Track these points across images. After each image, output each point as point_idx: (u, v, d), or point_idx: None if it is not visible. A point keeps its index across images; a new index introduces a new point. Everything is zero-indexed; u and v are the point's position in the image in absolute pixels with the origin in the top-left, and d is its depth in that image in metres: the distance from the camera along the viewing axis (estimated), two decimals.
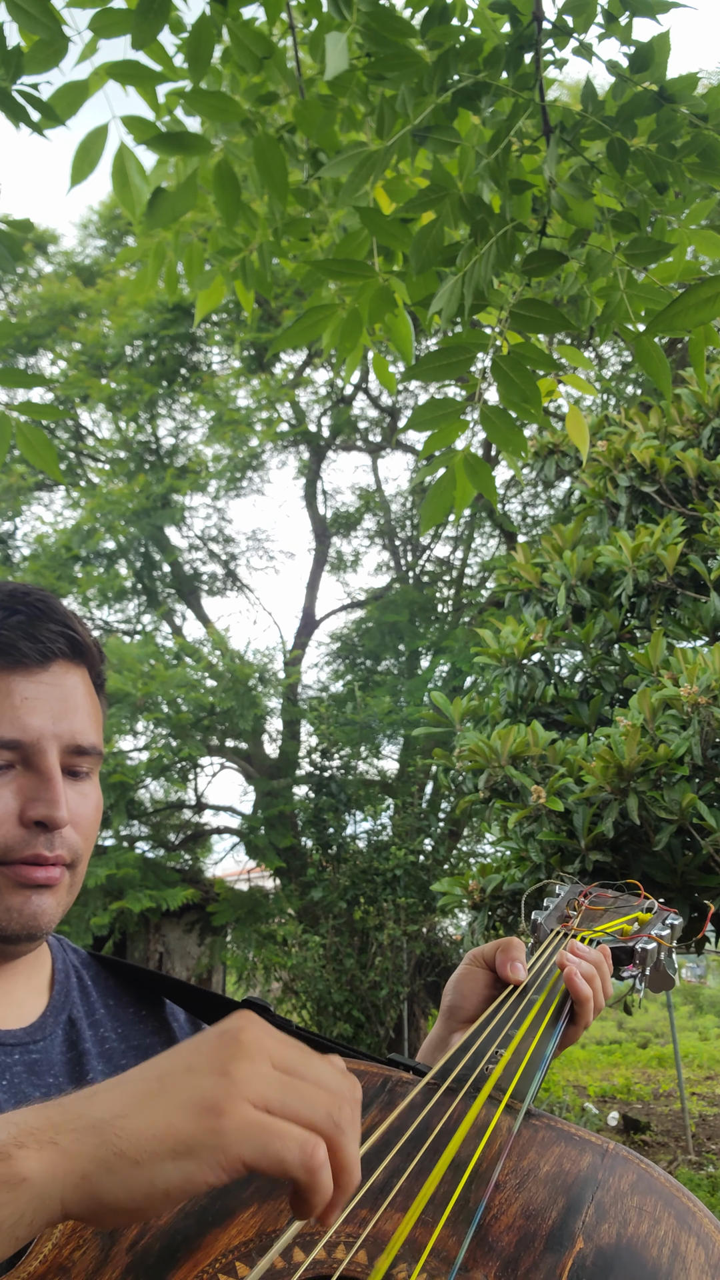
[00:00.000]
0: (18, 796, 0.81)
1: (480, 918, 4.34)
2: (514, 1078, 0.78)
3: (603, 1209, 0.67)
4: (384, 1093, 0.76)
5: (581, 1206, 0.67)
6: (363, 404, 13.48)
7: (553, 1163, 0.71)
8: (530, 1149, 0.72)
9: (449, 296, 1.53)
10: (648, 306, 1.68)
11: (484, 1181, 0.67)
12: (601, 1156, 0.72)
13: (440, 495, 1.67)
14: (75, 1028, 0.88)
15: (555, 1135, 0.74)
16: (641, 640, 4.69)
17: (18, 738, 0.80)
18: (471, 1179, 0.67)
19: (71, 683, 0.85)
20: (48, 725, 0.82)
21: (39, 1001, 0.88)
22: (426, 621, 12.35)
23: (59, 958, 0.94)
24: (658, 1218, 0.67)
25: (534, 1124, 0.74)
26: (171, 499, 12.06)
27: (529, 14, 1.64)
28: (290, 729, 12.10)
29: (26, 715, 0.81)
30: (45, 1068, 0.83)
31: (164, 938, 11.16)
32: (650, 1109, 9.69)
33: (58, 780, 0.81)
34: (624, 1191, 0.68)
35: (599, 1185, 0.69)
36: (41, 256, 13.32)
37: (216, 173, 1.91)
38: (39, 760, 0.81)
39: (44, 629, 0.83)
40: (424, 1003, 10.22)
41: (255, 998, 0.87)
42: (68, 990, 0.91)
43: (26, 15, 1.52)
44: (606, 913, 1.13)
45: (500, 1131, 0.72)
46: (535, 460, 5.78)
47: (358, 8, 1.66)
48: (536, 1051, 0.82)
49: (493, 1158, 0.70)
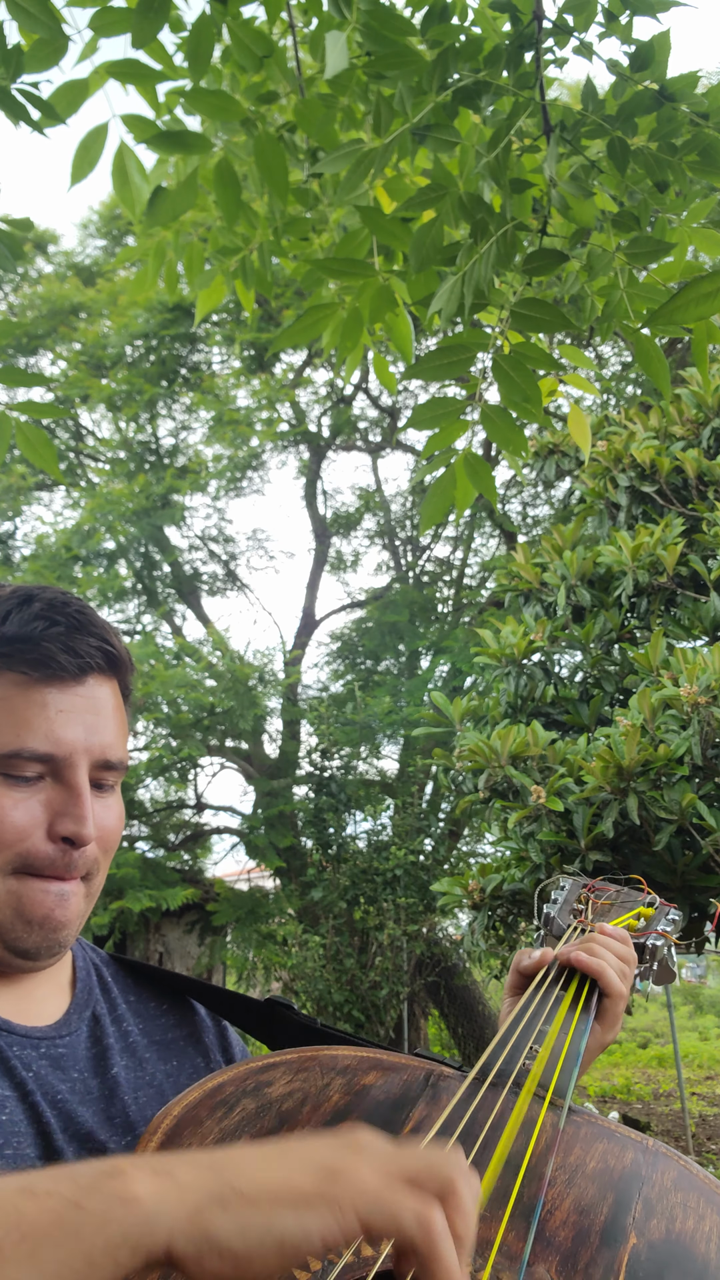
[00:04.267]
0: (46, 809, 0.81)
1: (480, 918, 4.34)
2: (554, 1074, 0.80)
3: (650, 1205, 0.69)
4: (428, 1087, 0.77)
5: (630, 1202, 0.69)
6: (363, 404, 13.49)
7: (598, 1159, 0.73)
8: (575, 1145, 0.74)
9: (449, 296, 1.53)
10: (648, 306, 1.67)
11: (538, 1177, 0.69)
12: (643, 1153, 0.74)
13: (440, 495, 1.66)
14: (99, 1023, 0.89)
15: (597, 1132, 0.76)
16: (641, 640, 4.69)
17: (51, 751, 0.80)
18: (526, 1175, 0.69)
19: (103, 695, 0.85)
20: (80, 739, 0.82)
21: (62, 999, 0.88)
22: (426, 621, 12.35)
23: (80, 956, 0.94)
24: (702, 1214, 0.69)
25: (576, 1120, 0.77)
26: (171, 499, 12.05)
27: (529, 13, 1.64)
28: (290, 729, 12.09)
29: (60, 729, 0.81)
30: (70, 1062, 0.83)
31: (164, 938, 11.16)
32: (650, 1109, 9.68)
33: (87, 797, 0.82)
34: (668, 1188, 0.71)
35: (644, 1181, 0.71)
36: (41, 256, 13.31)
37: (217, 172, 1.91)
38: (69, 775, 0.81)
39: (83, 643, 0.83)
40: (424, 1003, 10.22)
41: (279, 997, 0.90)
42: (90, 988, 0.92)
43: (26, 14, 1.52)
44: (613, 908, 1.15)
45: (546, 1128, 0.74)
46: (535, 460, 5.78)
47: (358, 6, 1.66)
48: (571, 1046, 0.84)
49: (543, 1153, 0.71)
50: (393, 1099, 0.75)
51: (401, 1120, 0.73)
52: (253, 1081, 0.76)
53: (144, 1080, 0.88)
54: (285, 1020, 0.93)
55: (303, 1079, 0.76)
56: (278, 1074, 0.77)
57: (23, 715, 0.80)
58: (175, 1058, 0.93)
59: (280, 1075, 0.77)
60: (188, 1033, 0.96)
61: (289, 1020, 0.93)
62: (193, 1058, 0.94)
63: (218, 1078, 0.76)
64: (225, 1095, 0.74)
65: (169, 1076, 0.90)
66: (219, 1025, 1.00)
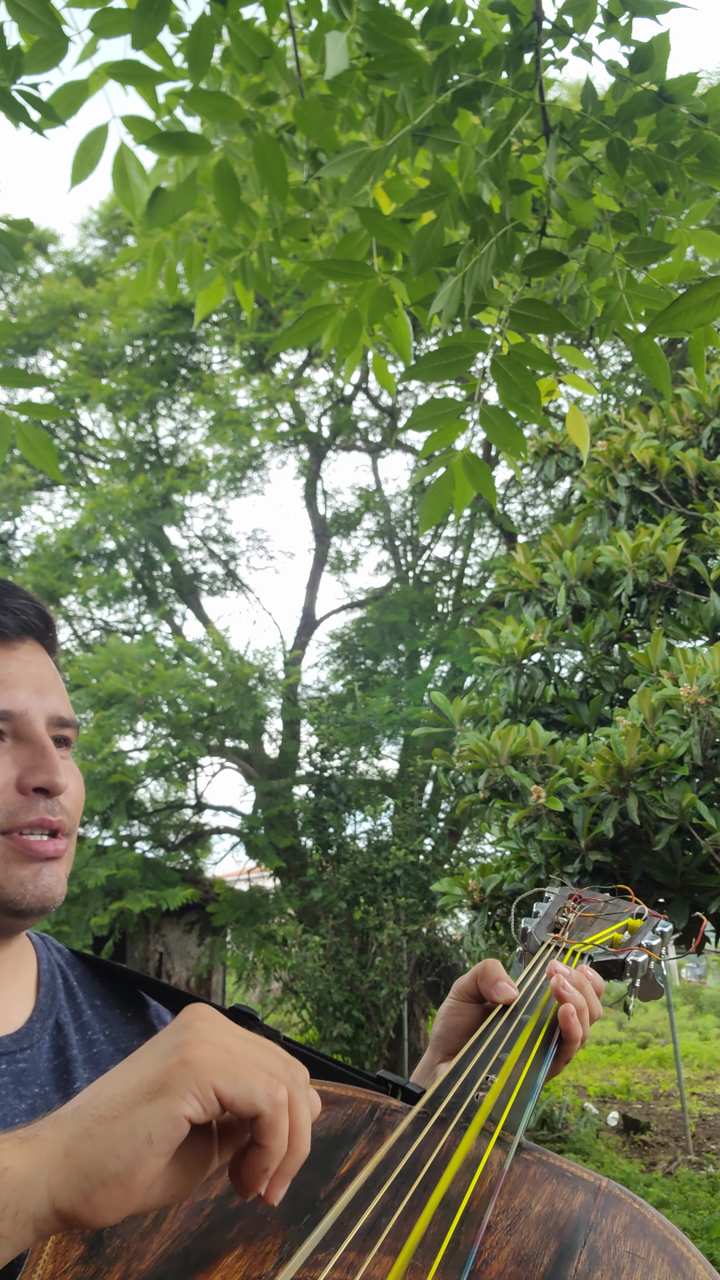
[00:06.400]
0: (15, 766, 0.82)
1: (480, 918, 4.34)
2: (506, 1108, 0.75)
3: (595, 1254, 0.65)
4: (372, 1122, 0.73)
5: (574, 1252, 0.64)
6: (363, 404, 13.49)
7: (545, 1202, 0.69)
8: (522, 1186, 0.70)
9: (449, 297, 1.53)
10: (647, 307, 1.68)
11: (475, 1223, 0.65)
12: (594, 1195, 0.70)
13: (440, 495, 1.67)
14: (62, 1033, 0.86)
15: (547, 1172, 0.71)
16: (641, 640, 4.69)
17: (8, 708, 0.82)
18: (463, 1220, 0.65)
19: (41, 661, 0.88)
20: (33, 699, 0.84)
21: (25, 1004, 0.86)
22: (426, 621, 12.35)
23: (44, 957, 0.92)
24: (651, 1264, 0.65)
25: (525, 1159, 0.72)
26: (171, 499, 12.06)
27: (529, 14, 1.64)
28: (290, 729, 12.10)
29: (12, 688, 0.83)
30: (31, 1077, 0.81)
31: (164, 938, 11.16)
32: (650, 1109, 9.69)
33: (52, 749, 0.83)
34: (617, 1235, 0.66)
35: (591, 1228, 0.67)
36: (41, 256, 13.31)
37: (216, 173, 1.91)
38: (29, 730, 0.83)
39: (15, 603, 0.87)
40: (424, 1003, 10.22)
41: (243, 1005, 0.86)
42: (54, 992, 0.89)
43: (26, 15, 1.52)
44: (597, 920, 1.10)
45: (492, 1167, 0.70)
46: (535, 460, 5.78)
47: (358, 8, 1.66)
48: (528, 1080, 0.79)
49: (484, 1195, 0.67)
50: (332, 1135, 0.71)
51: (340, 1159, 0.69)
52: None
53: None
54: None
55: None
56: None
57: None
58: None
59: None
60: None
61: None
62: None
63: None
64: None
65: None
66: None
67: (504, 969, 0.94)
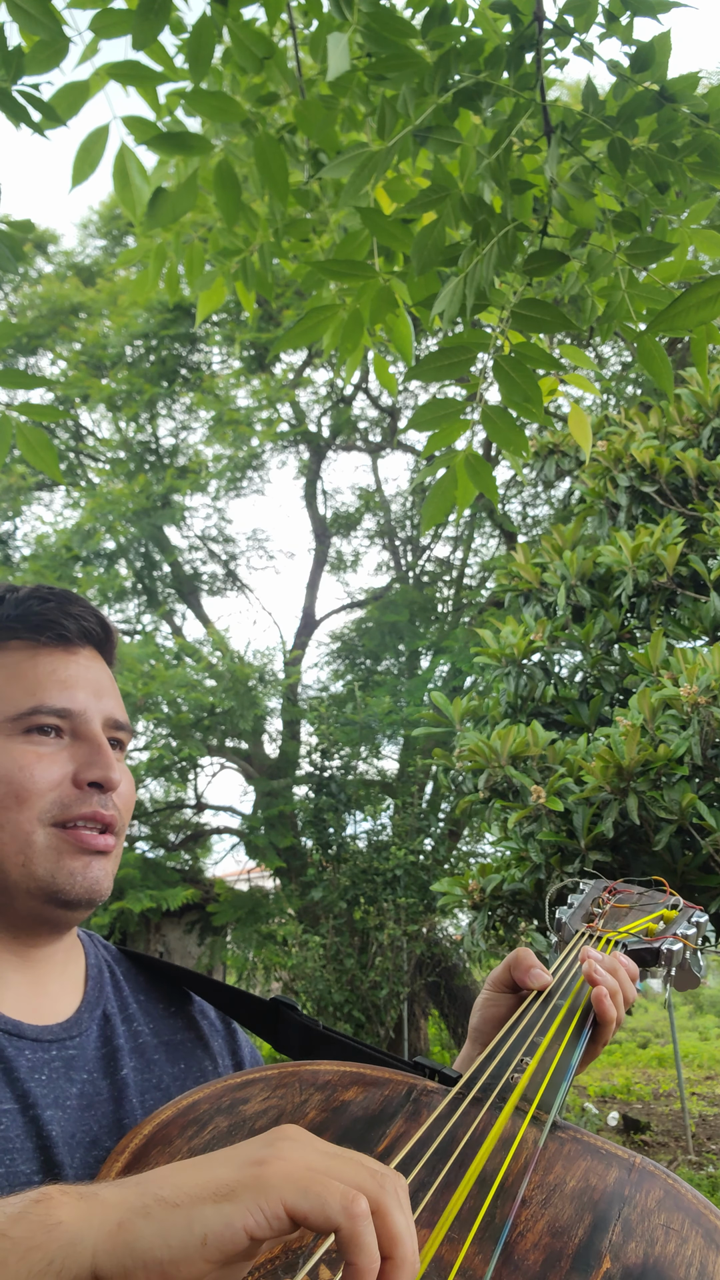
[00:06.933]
0: (71, 761, 0.86)
1: (480, 918, 4.34)
2: (540, 1088, 0.76)
3: (630, 1227, 0.65)
4: (409, 1102, 0.74)
5: (608, 1224, 0.65)
6: (363, 404, 13.49)
7: (579, 1178, 0.70)
8: (557, 1163, 0.71)
9: (451, 297, 1.53)
10: (649, 306, 1.68)
11: (510, 1197, 0.66)
12: (629, 1171, 0.71)
13: (441, 495, 1.67)
14: (109, 1023, 0.89)
15: (581, 1149, 0.72)
16: (641, 640, 4.69)
17: (67, 706, 0.87)
18: (498, 1194, 0.66)
19: (99, 667, 0.93)
20: (91, 700, 0.88)
21: (74, 996, 0.89)
22: (426, 621, 12.35)
23: (91, 953, 0.95)
24: (685, 1236, 0.65)
25: (560, 1136, 0.73)
26: (171, 499, 12.06)
27: (530, 14, 1.64)
28: (290, 729, 12.10)
29: (71, 689, 0.88)
30: (80, 1064, 0.84)
31: (164, 938, 11.16)
32: (650, 1109, 9.69)
33: (107, 746, 0.87)
34: (651, 1209, 0.67)
35: (626, 1202, 0.68)
36: (41, 256, 13.31)
37: (217, 173, 1.91)
38: (86, 729, 0.87)
39: (77, 611, 0.92)
40: (424, 1003, 10.23)
41: (283, 997, 0.90)
42: (101, 985, 0.92)
43: (27, 16, 1.52)
44: (631, 911, 1.12)
45: (526, 1144, 0.71)
46: (536, 460, 5.78)
47: (359, 8, 1.66)
48: (562, 1061, 0.81)
49: (519, 1172, 0.68)
50: (370, 1115, 0.73)
51: (377, 1137, 0.71)
52: (229, 1099, 0.74)
53: (151, 1083, 0.88)
54: (288, 1020, 0.93)
55: (280, 1095, 0.75)
56: (255, 1090, 0.75)
57: (33, 677, 0.87)
58: (183, 1060, 0.93)
59: (258, 1092, 0.75)
60: (196, 1035, 0.96)
61: (291, 1020, 0.93)
62: (200, 1060, 0.94)
63: (194, 1095, 0.75)
64: (199, 1113, 0.72)
65: (176, 1079, 0.90)
66: (229, 1027, 1.00)
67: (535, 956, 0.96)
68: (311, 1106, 0.74)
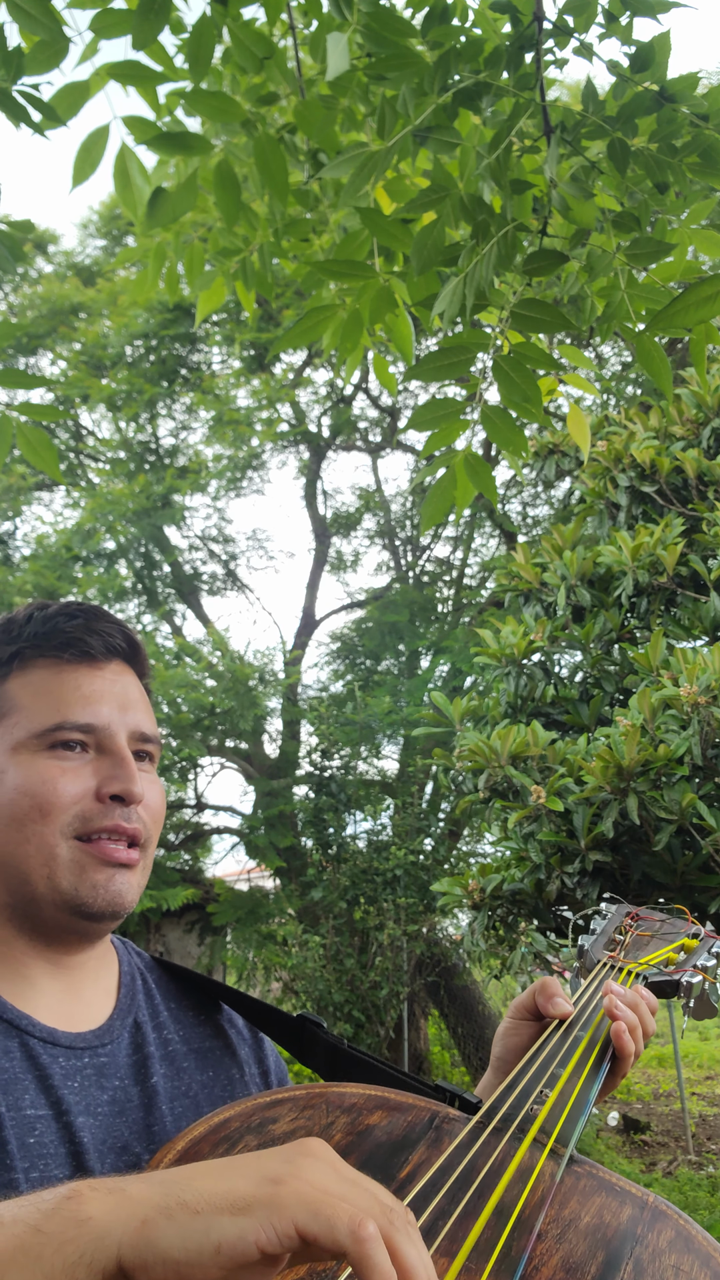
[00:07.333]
0: (94, 776, 0.87)
1: (480, 918, 4.35)
2: (559, 1121, 0.78)
3: (641, 1266, 0.67)
4: (431, 1129, 0.76)
5: (620, 1262, 0.67)
6: (363, 404, 13.48)
7: (594, 1214, 0.71)
8: (572, 1197, 0.72)
9: (450, 297, 1.53)
10: (648, 306, 1.68)
11: (527, 1230, 0.67)
12: (641, 1209, 0.72)
13: (441, 495, 1.67)
14: (140, 1031, 0.90)
15: (596, 1184, 0.74)
16: (641, 640, 4.69)
17: (91, 721, 0.88)
18: (515, 1226, 0.67)
19: (128, 680, 0.94)
20: (115, 715, 0.90)
21: (107, 1003, 0.90)
22: (426, 621, 12.35)
23: (124, 960, 0.96)
24: (694, 1278, 0.67)
25: (576, 1171, 0.75)
26: (171, 499, 12.06)
27: (529, 14, 1.64)
28: (290, 729, 12.09)
29: (95, 704, 0.89)
30: (112, 1070, 0.85)
31: (164, 938, 11.16)
32: (650, 1109, 9.69)
33: (131, 761, 0.88)
34: (662, 1249, 0.69)
35: (638, 1241, 0.69)
36: (41, 256, 13.31)
37: (217, 173, 1.91)
38: (110, 743, 0.89)
39: (104, 628, 0.93)
40: (424, 1003, 10.23)
41: (310, 1014, 0.91)
42: (133, 993, 0.94)
43: (27, 16, 1.52)
44: (653, 939, 1.12)
45: (544, 1177, 0.72)
46: (535, 460, 5.78)
47: (358, 8, 1.66)
48: (581, 1094, 0.82)
49: (536, 1204, 0.70)
50: (394, 1140, 0.74)
51: (400, 1163, 0.72)
52: (258, 1118, 0.76)
53: (180, 1090, 0.89)
54: (314, 1038, 0.95)
55: (307, 1117, 0.76)
56: (284, 1110, 0.77)
57: (59, 694, 0.88)
58: (212, 1068, 0.94)
59: (286, 1112, 0.76)
60: (224, 1043, 0.98)
61: (317, 1039, 0.94)
62: (228, 1068, 0.96)
63: (225, 1112, 0.76)
64: (230, 1131, 0.74)
65: (204, 1087, 0.92)
66: (256, 1037, 1.02)
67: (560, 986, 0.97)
68: (337, 1129, 0.75)
